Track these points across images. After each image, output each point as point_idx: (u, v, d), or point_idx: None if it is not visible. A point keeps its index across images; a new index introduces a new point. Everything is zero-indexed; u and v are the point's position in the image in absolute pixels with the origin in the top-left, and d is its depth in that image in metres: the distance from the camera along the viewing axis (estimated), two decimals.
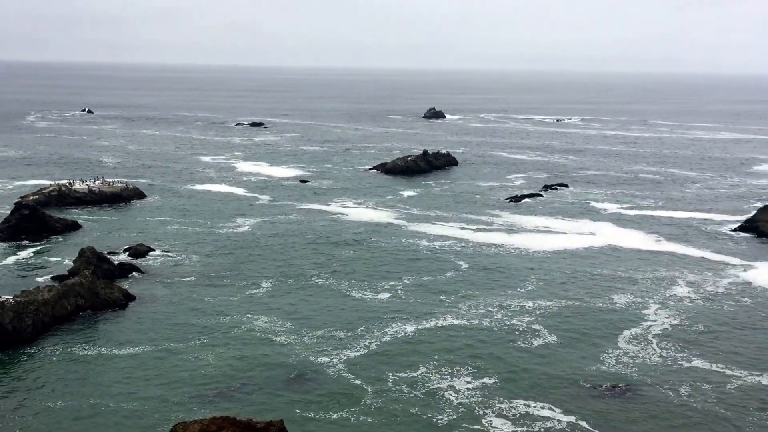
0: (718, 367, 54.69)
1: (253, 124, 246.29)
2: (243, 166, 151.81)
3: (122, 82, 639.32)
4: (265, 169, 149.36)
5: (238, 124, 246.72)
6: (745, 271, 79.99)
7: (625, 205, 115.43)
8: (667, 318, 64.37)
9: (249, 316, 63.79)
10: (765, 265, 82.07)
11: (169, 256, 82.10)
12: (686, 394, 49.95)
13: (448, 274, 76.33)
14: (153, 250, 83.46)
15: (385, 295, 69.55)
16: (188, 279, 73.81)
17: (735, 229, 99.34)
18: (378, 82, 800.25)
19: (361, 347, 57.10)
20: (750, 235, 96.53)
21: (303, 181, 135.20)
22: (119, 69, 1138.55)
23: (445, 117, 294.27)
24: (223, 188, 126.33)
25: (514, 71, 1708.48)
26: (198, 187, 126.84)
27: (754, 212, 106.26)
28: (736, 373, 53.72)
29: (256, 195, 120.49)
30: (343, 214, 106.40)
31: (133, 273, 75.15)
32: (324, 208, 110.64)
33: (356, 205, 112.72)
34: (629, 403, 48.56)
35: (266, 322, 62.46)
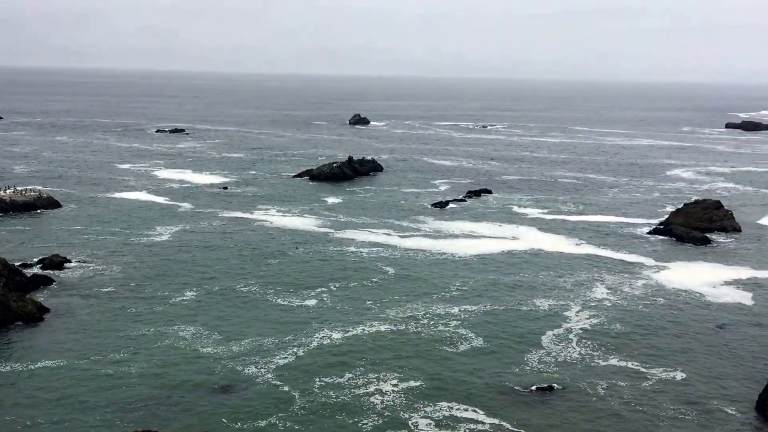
0: (633, 364, 56.44)
1: (174, 131, 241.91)
2: (164, 174, 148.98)
3: (31, 87, 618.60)
4: (187, 176, 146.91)
5: (158, 131, 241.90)
6: (658, 272, 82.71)
7: (546, 210, 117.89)
8: (587, 319, 66.09)
9: (174, 326, 62.55)
10: (677, 266, 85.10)
11: (86, 266, 79.82)
12: (604, 392, 51.43)
13: (375, 280, 76.58)
14: (69, 261, 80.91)
15: (312, 302, 69.33)
16: (108, 290, 71.87)
17: (650, 232, 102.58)
18: (302, 88, 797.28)
19: (288, 355, 56.79)
20: (664, 237, 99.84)
21: (226, 188, 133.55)
22: (24, 73, 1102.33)
23: (370, 123, 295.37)
24: (143, 196, 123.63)
25: (436, 78, 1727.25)
26: (117, 195, 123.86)
27: (667, 215, 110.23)
28: (651, 370, 55.57)
29: (177, 203, 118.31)
30: (267, 221, 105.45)
31: (49, 285, 72.67)
32: (248, 216, 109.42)
33: (281, 213, 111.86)
34: (550, 403, 49.74)
35: (192, 332, 61.40)
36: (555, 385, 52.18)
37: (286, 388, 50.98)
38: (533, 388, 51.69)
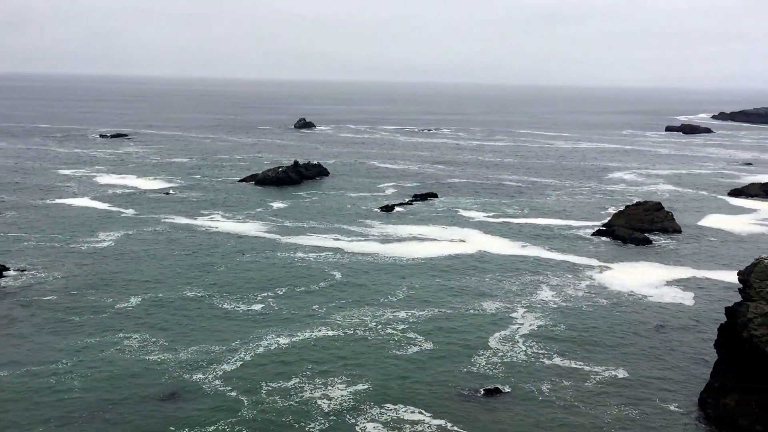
0: (577, 364, 57.36)
1: (117, 136, 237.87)
2: (106, 179, 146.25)
3: None
4: (130, 181, 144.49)
5: (101, 136, 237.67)
6: (601, 272, 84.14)
7: (491, 213, 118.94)
8: (532, 321, 66.87)
9: (118, 334, 61.44)
10: (619, 267, 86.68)
11: (26, 274, 77.86)
12: (549, 392, 52.16)
13: (322, 284, 76.33)
14: (7, 269, 78.75)
15: (258, 308, 68.77)
16: (48, 298, 70.24)
17: (593, 234, 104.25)
18: (246, 92, 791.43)
19: (235, 361, 56.28)
20: (606, 238, 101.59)
21: (170, 193, 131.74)
22: None
23: (315, 127, 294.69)
24: (85, 202, 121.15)
25: (381, 82, 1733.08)
26: (58, 201, 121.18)
27: (609, 217, 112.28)
28: (594, 369, 56.53)
29: (120, 209, 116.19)
30: (212, 227, 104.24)
31: None
32: (192, 221, 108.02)
33: (226, 218, 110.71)
34: (497, 403, 50.27)
35: (137, 339, 60.40)
36: (501, 386, 52.73)
37: (233, 394, 50.56)
38: (480, 389, 52.17)
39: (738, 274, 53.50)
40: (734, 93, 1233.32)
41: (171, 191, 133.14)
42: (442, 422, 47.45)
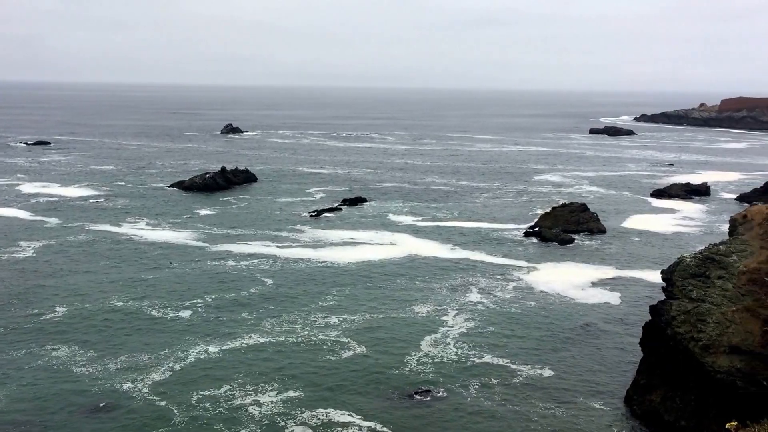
0: (505, 363, 58.11)
1: (39, 143, 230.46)
2: (28, 188, 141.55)
3: None
4: (53, 189, 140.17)
5: (22, 143, 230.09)
6: (528, 273, 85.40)
7: (421, 217, 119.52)
8: (463, 323, 67.44)
9: (45, 346, 59.59)
10: (546, 267, 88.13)
11: None
12: (479, 392, 52.72)
13: (252, 291, 75.45)
14: None
15: (187, 315, 67.58)
16: None
17: (520, 235, 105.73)
18: (172, 98, 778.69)
19: (165, 370, 55.26)
20: (533, 240, 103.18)
21: (95, 201, 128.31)
22: None
23: (242, 133, 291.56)
24: (5, 212, 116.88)
25: (310, 87, 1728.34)
26: None
27: (536, 219, 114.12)
28: (522, 368, 57.34)
29: (43, 218, 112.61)
30: (138, 235, 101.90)
31: None
32: (117, 229, 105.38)
33: (152, 226, 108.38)
34: (428, 405, 50.61)
35: (65, 351, 58.72)
36: (432, 387, 53.06)
37: (163, 403, 49.62)
38: (412, 391, 52.37)
39: (661, 272, 54.83)
40: (656, 96, 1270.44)
41: (96, 199, 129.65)
42: (372, 424, 47.53)
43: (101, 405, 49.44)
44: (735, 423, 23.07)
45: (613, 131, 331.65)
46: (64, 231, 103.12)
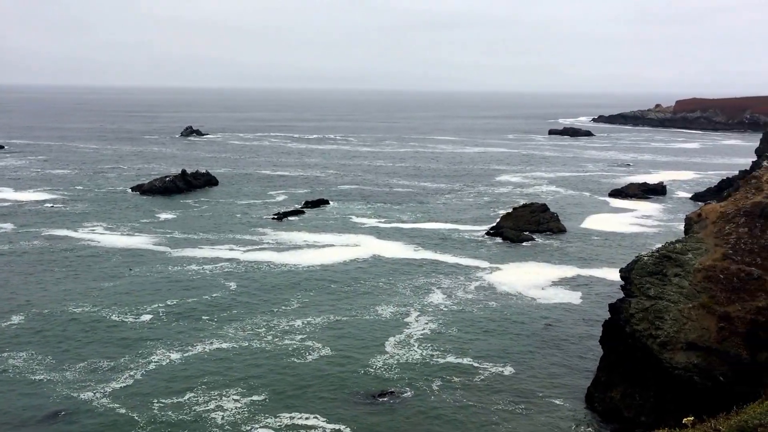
0: (468, 362, 58.58)
1: None
2: None
3: None
4: (7, 194, 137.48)
5: None
6: (491, 273, 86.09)
7: (384, 218, 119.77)
8: (426, 323, 67.72)
9: (2, 354, 58.47)
10: (508, 268, 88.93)
11: None
12: (442, 392, 53.03)
13: (215, 295, 74.82)
14: None
15: (149, 321, 66.75)
16: None
17: (483, 236, 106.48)
18: (131, 100, 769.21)
19: (125, 377, 54.54)
20: (495, 240, 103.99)
21: (52, 205, 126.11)
22: None
23: (203, 135, 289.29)
24: None
25: (272, 89, 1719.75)
26: None
27: (498, 219, 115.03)
28: (484, 366, 57.87)
29: None
30: (96, 240, 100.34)
31: None
32: (75, 234, 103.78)
33: (111, 230, 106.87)
34: (393, 406, 50.76)
35: (23, 358, 57.67)
36: (397, 388, 53.25)
37: (123, 411, 48.98)
38: (376, 393, 52.51)
39: (620, 271, 55.65)
40: (613, 97, 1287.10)
41: (52, 203, 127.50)
42: (337, 427, 47.57)
43: (59, 413, 48.65)
44: (691, 418, 23.56)
45: (572, 132, 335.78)
46: (19, 237, 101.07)
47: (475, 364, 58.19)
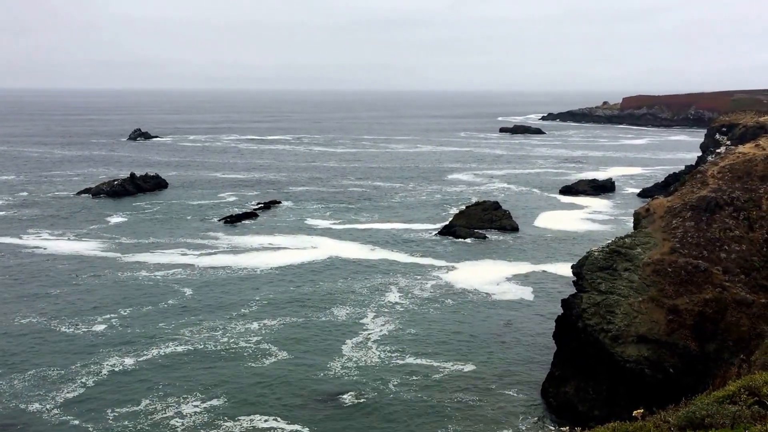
0: (426, 362, 58.90)
1: None
2: None
3: None
4: None
5: None
6: (447, 272, 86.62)
7: (338, 219, 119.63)
8: (384, 323, 67.94)
9: None
10: (463, 266, 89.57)
11: None
12: (401, 391, 53.22)
13: (171, 302, 73.72)
14: None
15: (100, 329, 65.59)
16: None
17: (436, 234, 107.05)
18: (75, 103, 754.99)
19: (77, 386, 53.49)
20: (449, 238, 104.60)
21: None
22: None
23: (152, 138, 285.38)
24: None
25: (219, 90, 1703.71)
26: None
27: (451, 218, 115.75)
28: (442, 365, 58.33)
29: None
30: (41, 247, 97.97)
31: None
32: (19, 241, 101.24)
33: (57, 236, 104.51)
34: (351, 406, 50.84)
35: None
36: (355, 389, 53.30)
37: (76, 422, 47.99)
38: (335, 394, 52.51)
39: (571, 267, 56.52)
40: (561, 95, 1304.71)
41: None
42: (297, 428, 47.57)
43: (5, 425, 47.37)
44: (641, 410, 24.06)
45: (523, 130, 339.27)
46: None
47: (433, 363, 58.52)
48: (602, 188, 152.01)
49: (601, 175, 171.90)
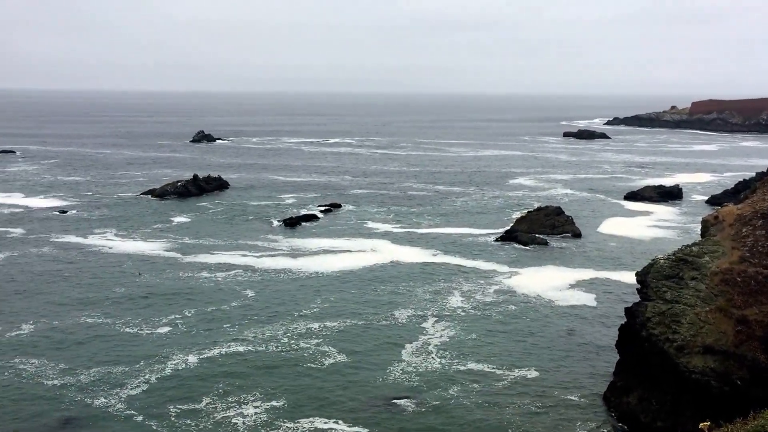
0: (486, 366, 58.45)
1: (2, 152, 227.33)
2: None
3: None
4: (17, 200, 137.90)
5: None
6: (509, 278, 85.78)
7: (400, 223, 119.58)
8: (445, 328, 67.58)
9: (12, 361, 58.58)
10: (525, 271, 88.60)
11: None
12: (459, 395, 52.90)
13: (234, 304, 74.45)
14: None
15: (164, 330, 66.59)
16: None
17: (497, 239, 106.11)
18: (142, 105, 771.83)
19: (140, 383, 54.54)
20: (510, 244, 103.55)
21: (62, 211, 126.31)
22: None
23: (215, 140, 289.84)
24: None
25: (281, 92, 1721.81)
26: None
27: (512, 223, 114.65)
28: (501, 372, 57.74)
29: (7, 229, 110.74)
30: (106, 246, 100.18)
31: None
32: (84, 240, 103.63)
33: (122, 237, 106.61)
34: (409, 410, 50.67)
35: (34, 366, 57.67)
36: (414, 393, 53.08)
37: (140, 418, 48.92)
38: (395, 398, 52.36)
39: (636, 274, 55.34)
40: (628, 99, 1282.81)
41: (63, 209, 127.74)
42: (356, 430, 47.61)
43: (72, 418, 48.60)
44: (708, 423, 23.36)
45: (587, 134, 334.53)
46: (29, 243, 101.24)
47: (495, 370, 57.88)
48: (669, 195, 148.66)
49: (667, 181, 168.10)
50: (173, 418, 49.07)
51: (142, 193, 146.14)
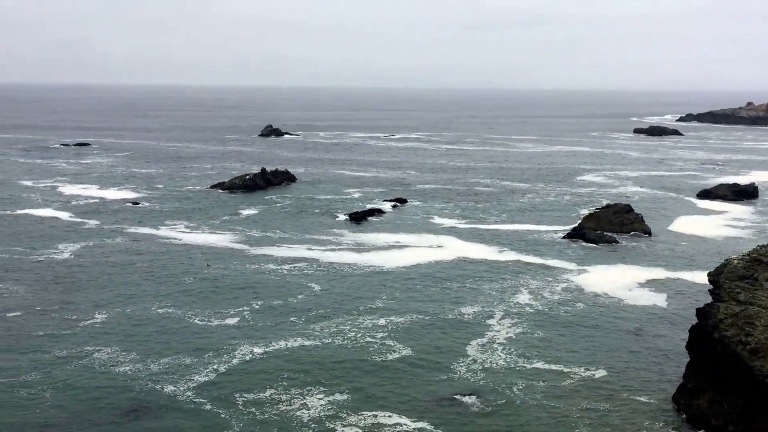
0: (555, 366, 57.62)
1: (79, 145, 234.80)
2: (70, 189, 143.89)
3: None
4: (94, 191, 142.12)
5: (63, 145, 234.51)
6: (577, 275, 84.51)
7: (466, 218, 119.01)
8: (512, 325, 67.02)
9: (86, 347, 60.29)
10: (594, 269, 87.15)
11: None
12: (526, 395, 52.24)
13: (300, 297, 75.11)
14: None
15: (232, 321, 67.64)
16: (13, 314, 68.38)
17: (564, 237, 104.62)
18: (211, 100, 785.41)
19: (208, 372, 55.49)
20: (578, 241, 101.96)
21: (135, 203, 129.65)
22: None
23: (283, 135, 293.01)
24: (47, 213, 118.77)
25: (349, 87, 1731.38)
26: (19, 212, 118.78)
27: (580, 220, 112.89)
28: (571, 370, 56.90)
29: (83, 219, 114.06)
30: (176, 238, 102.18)
31: None
32: (155, 232, 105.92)
33: (191, 229, 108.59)
34: (475, 408, 50.32)
35: (106, 353, 59.21)
36: (479, 390, 52.78)
37: (207, 407, 49.80)
38: (458, 394, 52.16)
39: (708, 275, 53.93)
40: (702, 94, 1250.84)
41: (136, 201, 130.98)
42: (420, 425, 47.52)
43: (142, 405, 49.77)
44: None
45: (658, 131, 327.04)
46: (103, 233, 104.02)
47: (561, 368, 57.12)
48: (744, 193, 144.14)
49: (742, 179, 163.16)
50: (240, 407, 49.85)
51: (211, 186, 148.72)
